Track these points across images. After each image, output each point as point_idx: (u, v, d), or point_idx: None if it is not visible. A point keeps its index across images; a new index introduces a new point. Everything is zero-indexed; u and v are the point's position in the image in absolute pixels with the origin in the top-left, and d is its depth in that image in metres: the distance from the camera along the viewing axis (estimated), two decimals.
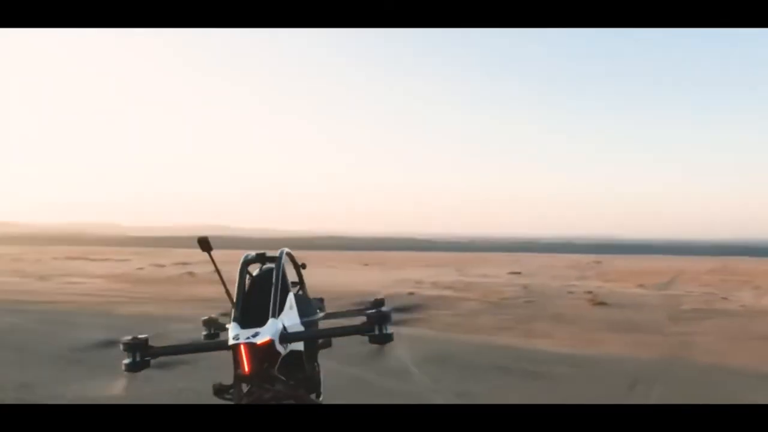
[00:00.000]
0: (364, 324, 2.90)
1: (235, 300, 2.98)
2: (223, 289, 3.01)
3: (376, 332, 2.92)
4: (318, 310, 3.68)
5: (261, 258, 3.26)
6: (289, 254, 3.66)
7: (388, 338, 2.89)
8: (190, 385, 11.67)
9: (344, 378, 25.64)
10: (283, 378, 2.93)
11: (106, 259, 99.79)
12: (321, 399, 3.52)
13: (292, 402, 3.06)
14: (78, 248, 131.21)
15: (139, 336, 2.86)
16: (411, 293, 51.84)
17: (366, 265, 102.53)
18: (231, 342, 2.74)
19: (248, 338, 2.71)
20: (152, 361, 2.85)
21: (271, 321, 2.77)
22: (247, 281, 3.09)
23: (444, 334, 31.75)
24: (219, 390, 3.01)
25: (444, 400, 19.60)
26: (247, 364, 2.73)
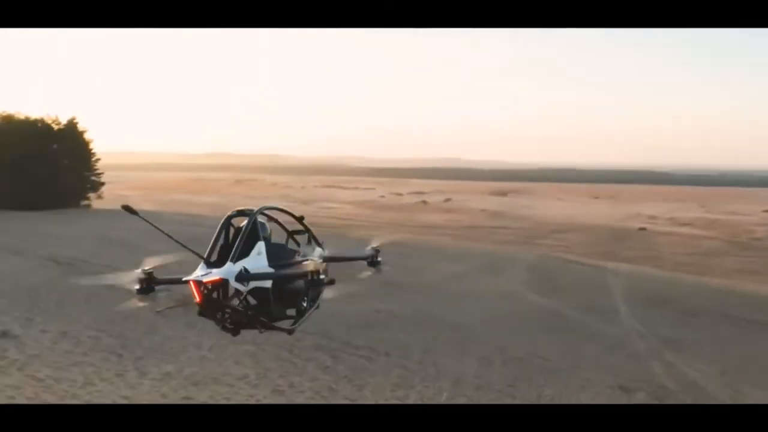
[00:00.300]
0: (365, 257, 4.61)
1: (210, 246, 3.52)
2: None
3: (371, 261, 4.60)
4: (298, 255, 4.16)
5: (241, 213, 3.73)
6: (283, 210, 4.34)
7: (378, 264, 4.58)
8: None
9: (535, 307, 25.62)
10: (238, 308, 3.46)
11: (355, 188, 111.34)
12: (294, 329, 4.27)
13: (251, 325, 3.89)
14: (333, 178, 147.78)
15: (146, 269, 3.47)
16: (642, 229, 47.37)
17: (596, 198, 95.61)
18: (184, 278, 3.30)
19: (198, 276, 3.23)
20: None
21: (228, 264, 3.27)
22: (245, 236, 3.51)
23: (671, 275, 28.80)
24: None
25: (647, 347, 18.12)
26: (198, 296, 3.25)
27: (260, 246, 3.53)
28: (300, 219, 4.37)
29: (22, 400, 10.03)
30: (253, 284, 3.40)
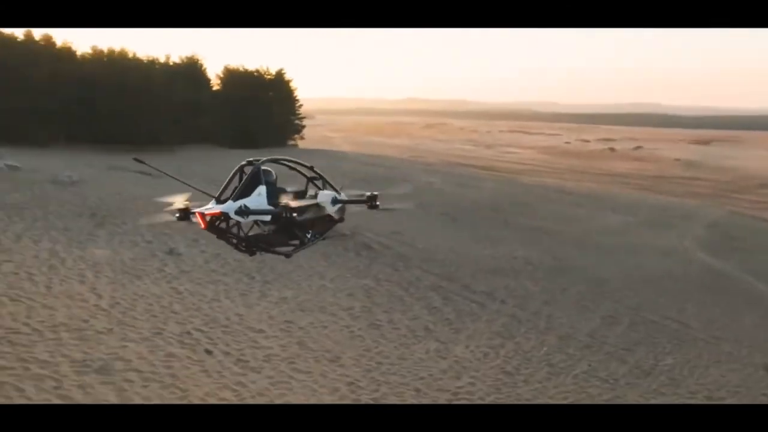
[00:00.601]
0: (364, 200, 5.05)
1: (222, 187, 4.33)
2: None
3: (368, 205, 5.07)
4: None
5: (250, 163, 4.49)
6: (291, 160, 5.07)
7: (377, 206, 5.02)
8: None
9: (699, 267, 22.30)
10: (234, 234, 4.39)
11: (540, 133, 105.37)
12: (291, 254, 4.96)
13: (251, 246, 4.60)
14: (520, 123, 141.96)
15: (184, 203, 4.25)
16: None
17: None
18: (193, 209, 4.19)
19: (202, 209, 4.16)
20: None
21: (229, 202, 4.19)
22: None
23: None
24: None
25: None
26: (203, 224, 4.17)
27: (261, 189, 4.37)
28: (310, 168, 5.06)
29: (155, 310, 11.61)
30: (252, 217, 4.35)
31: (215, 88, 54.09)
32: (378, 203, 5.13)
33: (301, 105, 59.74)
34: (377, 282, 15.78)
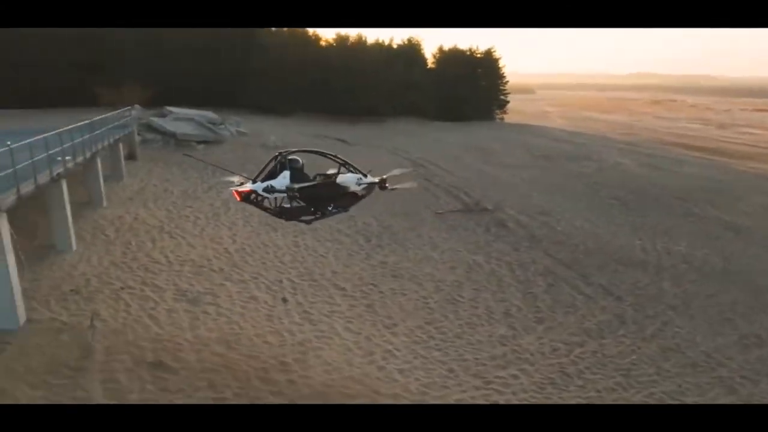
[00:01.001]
0: (377, 183, 6.15)
1: (259, 171, 5.84)
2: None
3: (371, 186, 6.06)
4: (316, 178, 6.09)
5: (280, 154, 5.88)
6: (317, 151, 6.35)
7: (386, 188, 6.27)
8: None
9: None
10: (265, 206, 5.86)
11: None
12: (310, 221, 6.28)
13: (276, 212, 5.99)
14: None
15: (244, 175, 6.07)
16: None
17: None
18: (230, 188, 5.90)
19: (235, 186, 5.78)
20: None
21: (258, 182, 5.66)
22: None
23: None
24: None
25: None
26: (238, 197, 5.80)
27: (285, 173, 5.69)
28: (334, 157, 6.15)
29: (268, 258, 12.84)
30: (276, 194, 5.73)
31: (430, 66, 56.30)
32: (387, 185, 6.34)
33: (507, 81, 57.89)
34: (487, 259, 14.73)
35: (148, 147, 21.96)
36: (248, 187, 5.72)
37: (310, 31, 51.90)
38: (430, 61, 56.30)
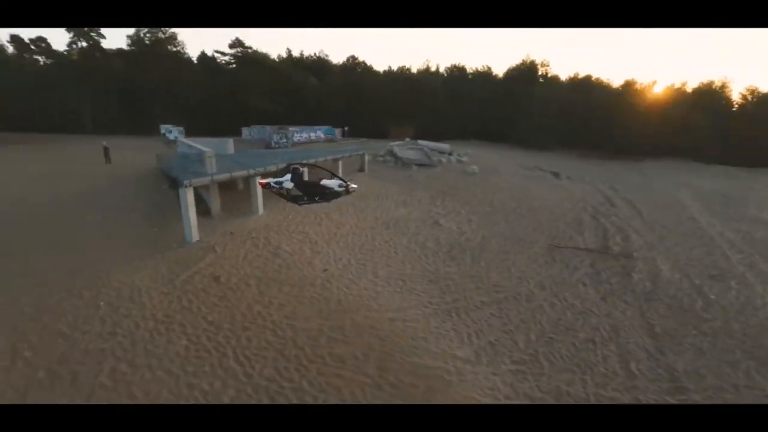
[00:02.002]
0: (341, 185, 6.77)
1: (275, 174, 7.63)
2: None
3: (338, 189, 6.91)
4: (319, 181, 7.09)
5: (293, 165, 6.94)
6: (314, 164, 8.15)
7: (349, 192, 6.79)
8: None
9: None
10: (280, 193, 6.86)
11: None
12: (301, 205, 7.02)
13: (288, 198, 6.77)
14: None
15: (266, 179, 6.89)
16: None
17: None
18: (259, 180, 7.28)
19: (259, 180, 7.13)
20: None
21: (271, 179, 6.74)
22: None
23: None
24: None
25: None
26: (260, 187, 7.91)
27: (288, 176, 6.87)
28: (324, 168, 7.95)
29: (372, 228, 13.99)
30: (284, 187, 6.80)
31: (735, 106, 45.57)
32: (352, 188, 7.27)
33: None
34: (579, 301, 11.77)
35: (378, 165, 25.92)
36: (265, 181, 7.16)
37: (593, 77, 49.46)
38: (737, 102, 44.83)
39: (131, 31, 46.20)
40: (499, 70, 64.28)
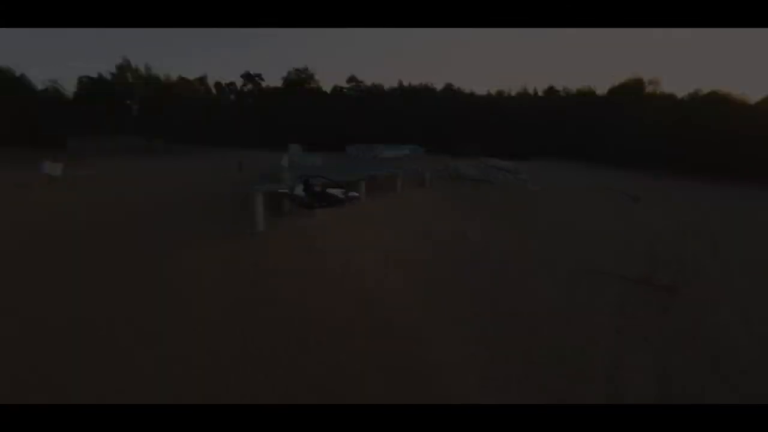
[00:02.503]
0: (344, 192, 9.93)
1: (291, 185, 10.61)
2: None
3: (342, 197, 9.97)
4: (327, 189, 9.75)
5: (303, 176, 10.10)
6: (324, 177, 10.62)
7: (356, 199, 10.54)
8: None
9: None
10: (291, 200, 10.48)
11: None
12: (311, 210, 10.49)
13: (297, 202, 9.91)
14: None
15: (281, 190, 10.95)
16: None
17: None
18: (279, 189, 11.81)
19: (276, 190, 11.69)
20: None
21: (289, 189, 10.41)
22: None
23: None
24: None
25: None
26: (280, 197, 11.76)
27: (300, 186, 9.52)
28: (330, 179, 9.83)
29: (414, 223, 12.92)
30: (297, 195, 9.11)
31: None
32: (354, 195, 9.11)
33: None
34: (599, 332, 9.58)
35: (441, 180, 25.64)
36: (283, 190, 8.64)
37: (720, 91, 42.82)
38: None
39: (284, 72, 70.78)
40: (603, 88, 57.70)
